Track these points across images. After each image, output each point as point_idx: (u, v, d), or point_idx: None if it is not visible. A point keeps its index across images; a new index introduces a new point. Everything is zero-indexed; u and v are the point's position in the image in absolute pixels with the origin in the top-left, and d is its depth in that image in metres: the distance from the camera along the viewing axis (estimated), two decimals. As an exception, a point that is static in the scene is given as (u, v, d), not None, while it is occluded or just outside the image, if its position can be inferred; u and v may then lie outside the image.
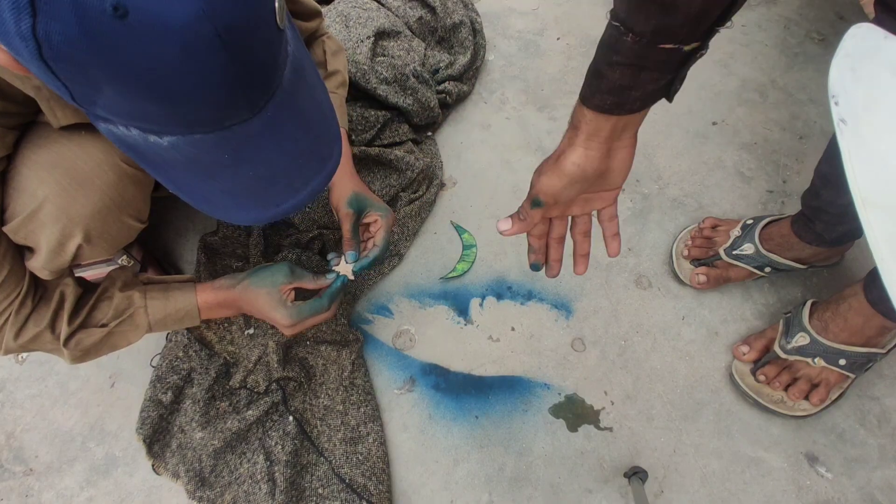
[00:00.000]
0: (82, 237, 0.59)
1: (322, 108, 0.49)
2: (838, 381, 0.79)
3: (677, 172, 1.06)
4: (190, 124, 0.38)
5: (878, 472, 0.79)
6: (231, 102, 0.38)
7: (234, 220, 0.49)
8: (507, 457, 0.82)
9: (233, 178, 0.44)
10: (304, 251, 0.94)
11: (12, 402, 0.89)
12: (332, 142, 0.50)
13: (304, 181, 0.48)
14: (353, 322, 0.93)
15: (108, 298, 0.70)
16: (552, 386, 0.87)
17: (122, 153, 0.59)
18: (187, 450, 0.80)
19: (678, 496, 0.78)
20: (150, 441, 0.81)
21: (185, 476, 0.79)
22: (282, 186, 0.47)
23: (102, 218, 0.61)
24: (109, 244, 0.64)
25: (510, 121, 1.15)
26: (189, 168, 0.42)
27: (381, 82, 1.05)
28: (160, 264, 0.97)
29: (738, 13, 0.44)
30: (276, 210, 0.48)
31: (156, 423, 0.81)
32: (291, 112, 0.44)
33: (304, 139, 0.46)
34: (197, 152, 0.41)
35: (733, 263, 0.89)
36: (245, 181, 0.45)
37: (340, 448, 0.81)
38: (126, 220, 0.64)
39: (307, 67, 0.47)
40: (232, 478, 0.79)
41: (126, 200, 0.63)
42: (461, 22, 1.22)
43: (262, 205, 0.47)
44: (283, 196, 0.47)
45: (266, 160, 0.44)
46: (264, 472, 0.78)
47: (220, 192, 0.46)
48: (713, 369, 0.87)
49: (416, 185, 1.03)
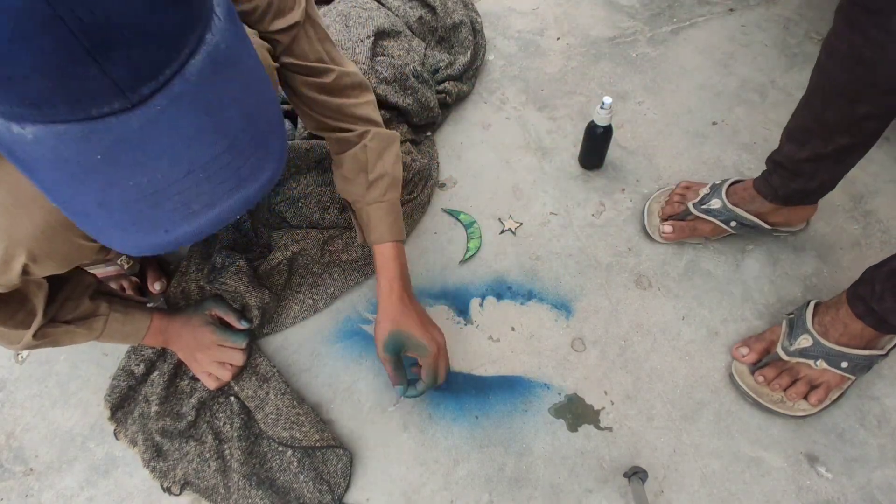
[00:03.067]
0: (26, 257, 0.57)
1: (253, 115, 0.40)
2: (839, 383, 0.79)
3: (677, 172, 1.06)
4: (34, 103, 0.32)
5: (878, 472, 0.79)
6: (78, 77, 0.31)
7: (114, 243, 0.39)
8: (507, 457, 0.82)
9: (107, 186, 0.36)
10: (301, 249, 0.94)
11: (12, 402, 0.89)
12: (263, 159, 0.40)
13: (204, 203, 0.38)
14: (353, 321, 0.93)
15: (76, 299, 0.73)
16: (552, 386, 0.87)
17: None
18: (147, 419, 0.83)
19: (678, 496, 0.78)
20: (114, 408, 0.85)
21: (143, 444, 0.82)
22: (172, 205, 0.37)
23: (48, 238, 0.57)
24: (58, 263, 0.61)
25: (510, 121, 1.15)
26: (59, 170, 0.35)
27: (381, 82, 1.05)
28: (160, 264, 0.97)
29: (737, 13, 0.45)
30: (165, 237, 0.39)
31: (124, 392, 0.86)
32: (196, 110, 0.36)
33: (213, 148, 0.37)
34: (63, 148, 0.33)
35: (701, 217, 0.94)
36: (123, 193, 0.36)
37: (259, 416, 0.83)
38: (76, 239, 0.60)
39: (242, 62, 0.39)
40: (180, 454, 0.81)
41: None
42: (461, 22, 1.22)
43: (147, 228, 0.38)
44: (174, 220, 0.38)
45: (150, 168, 0.36)
46: (213, 450, 0.81)
47: (95, 205, 0.37)
48: (713, 369, 0.87)
49: (411, 185, 1.03)
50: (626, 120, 1.13)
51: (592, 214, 1.02)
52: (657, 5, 1.32)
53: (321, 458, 0.80)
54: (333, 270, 0.96)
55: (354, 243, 0.96)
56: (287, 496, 0.78)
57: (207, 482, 0.79)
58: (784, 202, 0.88)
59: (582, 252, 0.98)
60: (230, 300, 0.89)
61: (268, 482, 0.79)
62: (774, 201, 0.88)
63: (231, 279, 0.88)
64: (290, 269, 0.95)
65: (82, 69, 0.30)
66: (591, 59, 1.24)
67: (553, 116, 1.15)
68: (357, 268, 0.97)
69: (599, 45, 1.27)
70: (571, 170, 1.07)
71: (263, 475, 0.80)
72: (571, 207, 1.03)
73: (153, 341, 0.83)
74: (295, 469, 0.79)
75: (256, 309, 0.88)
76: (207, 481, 0.79)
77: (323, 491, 0.78)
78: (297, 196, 1.01)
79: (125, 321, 0.78)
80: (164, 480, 0.80)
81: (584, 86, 1.20)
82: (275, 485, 0.79)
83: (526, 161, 1.09)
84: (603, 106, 0.94)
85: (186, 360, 0.86)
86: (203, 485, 0.79)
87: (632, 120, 1.13)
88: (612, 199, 1.04)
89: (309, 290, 0.94)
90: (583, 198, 1.04)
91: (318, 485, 0.78)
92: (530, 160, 1.09)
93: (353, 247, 0.96)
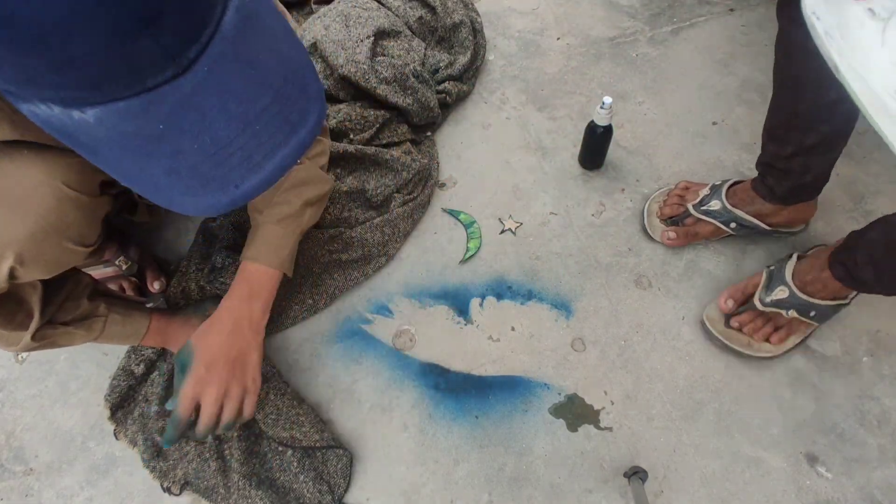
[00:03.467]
0: (14, 260, 0.56)
1: (288, 61, 0.41)
2: (802, 328, 0.85)
3: (677, 172, 1.06)
4: (96, 84, 0.33)
5: (878, 472, 0.79)
6: (134, 49, 0.32)
7: (188, 209, 0.41)
8: (507, 457, 0.82)
9: (172, 154, 0.37)
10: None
11: (12, 402, 0.89)
12: (307, 102, 0.42)
13: (265, 154, 0.40)
14: (353, 321, 0.93)
15: (74, 300, 0.72)
16: (552, 386, 0.87)
17: (64, 175, 0.57)
18: (147, 419, 0.83)
19: (678, 496, 0.78)
20: (114, 408, 0.85)
21: (143, 444, 0.82)
22: (237, 161, 0.39)
23: (38, 242, 0.57)
24: (46, 267, 0.61)
25: (510, 121, 1.15)
26: (125, 147, 0.36)
27: (381, 82, 1.05)
28: (160, 264, 0.97)
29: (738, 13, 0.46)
30: (236, 192, 0.40)
31: (124, 392, 0.85)
32: (239, 66, 0.37)
33: (261, 98, 0.39)
34: (126, 125, 0.35)
35: (701, 219, 0.94)
36: (188, 157, 0.38)
37: (258, 416, 0.82)
38: (66, 244, 0.60)
39: (263, 12, 0.40)
40: (180, 454, 0.81)
41: (66, 225, 0.59)
42: (461, 22, 1.22)
43: (217, 187, 0.40)
44: (241, 174, 0.39)
45: (209, 128, 0.37)
46: (213, 450, 0.81)
47: (164, 175, 0.38)
48: (713, 369, 0.87)
49: (411, 185, 1.03)
50: (626, 120, 1.13)
51: (592, 214, 1.02)
52: (657, 5, 1.32)
53: (321, 459, 0.80)
54: (333, 270, 0.96)
55: (355, 244, 0.96)
56: (287, 496, 0.78)
57: (207, 482, 0.79)
58: (783, 201, 0.88)
59: (582, 252, 0.98)
60: None
61: (268, 482, 0.79)
62: (773, 201, 0.88)
63: (231, 278, 0.88)
64: None
65: (136, 41, 0.31)
66: (591, 59, 1.24)
67: (553, 116, 1.15)
68: (357, 267, 0.97)
69: (599, 45, 1.27)
70: (571, 170, 1.07)
71: (264, 475, 0.80)
72: (571, 207, 1.03)
73: (152, 342, 0.83)
74: (295, 469, 0.79)
75: None
76: (207, 481, 0.79)
77: (323, 491, 0.78)
78: (297, 196, 1.01)
79: (124, 322, 0.77)
80: (163, 480, 0.80)
81: (584, 86, 1.20)
82: (275, 485, 0.79)
83: (526, 161, 1.09)
84: (603, 106, 0.94)
85: None
86: (203, 485, 0.79)
87: (632, 120, 1.13)
88: (612, 199, 1.04)
89: (309, 289, 0.94)
90: (583, 198, 1.04)
91: (317, 485, 0.78)
92: (530, 160, 1.09)
93: (354, 246, 0.96)
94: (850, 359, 0.86)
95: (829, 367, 0.86)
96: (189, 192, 0.40)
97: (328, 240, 0.97)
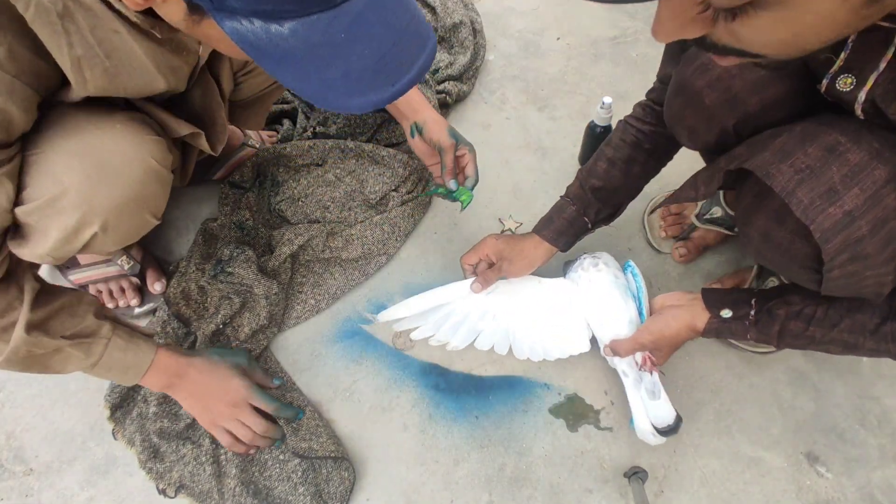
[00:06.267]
0: (99, 227, 0.60)
1: None
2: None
3: (677, 172, 1.06)
4: (304, 2, 0.42)
5: (878, 472, 0.79)
6: None
7: (355, 107, 0.50)
8: (507, 457, 0.82)
9: (349, 58, 0.46)
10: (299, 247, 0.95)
11: (12, 402, 0.89)
12: (427, 27, 0.52)
13: (411, 59, 0.50)
14: (354, 322, 0.93)
15: (71, 314, 0.66)
16: (552, 386, 0.87)
17: (152, 150, 0.64)
18: (145, 420, 0.83)
19: (678, 496, 0.78)
20: (114, 408, 0.84)
21: (140, 445, 0.81)
22: (394, 65, 0.49)
23: (122, 211, 0.61)
24: (122, 237, 0.64)
25: (510, 121, 1.15)
26: (309, 56, 0.45)
27: (381, 82, 1.05)
28: (160, 264, 0.97)
29: None
30: (392, 90, 0.49)
31: (124, 392, 0.85)
32: None
33: (404, 15, 0.49)
34: (315, 36, 0.44)
35: (707, 228, 0.96)
36: (361, 61, 0.47)
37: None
38: (145, 215, 0.66)
39: None
40: (177, 456, 0.81)
41: (148, 197, 0.65)
42: (461, 22, 1.23)
43: (380, 84, 0.49)
44: (396, 75, 0.49)
45: (376, 36, 0.46)
46: (209, 454, 0.80)
47: (340, 78, 0.47)
48: (713, 369, 0.87)
49: (409, 184, 1.03)
50: (626, 120, 1.13)
51: (592, 214, 1.02)
52: (657, 5, 1.32)
53: (325, 476, 0.79)
54: (335, 270, 0.96)
55: (355, 241, 0.97)
56: None
57: (202, 486, 0.79)
58: None
59: (582, 252, 0.98)
60: (235, 291, 0.89)
61: (265, 491, 0.78)
62: None
63: (240, 268, 0.90)
64: (292, 267, 0.95)
65: None
66: (591, 59, 1.24)
67: (553, 116, 1.15)
68: (358, 267, 0.97)
69: (599, 45, 1.27)
70: (571, 170, 1.07)
71: (262, 483, 0.79)
72: (571, 207, 1.03)
73: (154, 380, 0.73)
74: (296, 479, 0.78)
75: (264, 298, 0.89)
76: (202, 485, 0.79)
77: None
78: (297, 196, 1.01)
79: (127, 349, 0.70)
80: (159, 482, 0.80)
81: (584, 86, 1.20)
82: (271, 494, 0.78)
83: (526, 161, 1.09)
84: (603, 106, 0.94)
85: (195, 409, 0.77)
86: (197, 488, 0.79)
87: (632, 120, 1.13)
88: (612, 199, 1.04)
89: (311, 290, 0.94)
90: (583, 198, 1.04)
91: (315, 501, 0.77)
92: (530, 160, 1.09)
93: (354, 245, 0.96)
94: (850, 358, 0.86)
95: (828, 367, 0.86)
96: (354, 93, 0.49)
97: (328, 236, 0.97)
